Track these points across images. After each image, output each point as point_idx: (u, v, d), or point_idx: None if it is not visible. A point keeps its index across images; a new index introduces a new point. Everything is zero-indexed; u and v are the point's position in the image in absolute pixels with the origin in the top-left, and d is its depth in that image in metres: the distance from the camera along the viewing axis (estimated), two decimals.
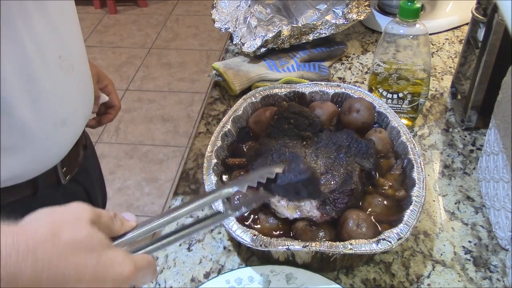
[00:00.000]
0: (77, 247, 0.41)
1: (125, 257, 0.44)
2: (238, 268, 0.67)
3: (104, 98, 0.93)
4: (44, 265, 0.39)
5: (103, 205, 1.01)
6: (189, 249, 0.73)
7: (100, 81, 0.93)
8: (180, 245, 0.74)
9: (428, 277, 0.68)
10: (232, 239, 0.74)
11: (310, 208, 0.66)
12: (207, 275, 0.70)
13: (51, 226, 0.41)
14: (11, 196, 0.69)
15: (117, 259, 0.43)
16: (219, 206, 0.64)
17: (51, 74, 0.66)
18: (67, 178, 0.78)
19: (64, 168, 0.77)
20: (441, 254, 0.71)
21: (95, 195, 0.92)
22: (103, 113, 0.95)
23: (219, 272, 0.69)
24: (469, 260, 0.70)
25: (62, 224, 0.42)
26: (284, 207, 0.66)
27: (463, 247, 0.72)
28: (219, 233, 0.75)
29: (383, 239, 0.61)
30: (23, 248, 0.38)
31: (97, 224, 0.44)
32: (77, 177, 0.82)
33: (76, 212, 0.44)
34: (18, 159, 0.66)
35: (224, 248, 0.73)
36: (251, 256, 0.71)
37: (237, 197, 0.66)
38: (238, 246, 0.73)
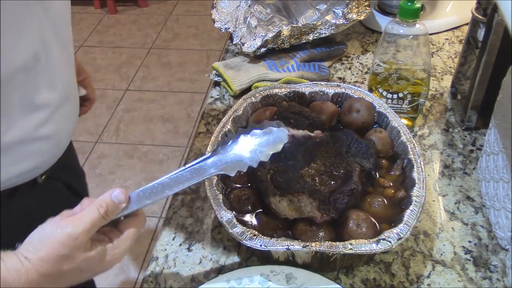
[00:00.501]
0: (75, 270, 0.53)
1: (114, 255, 0.56)
2: (238, 268, 0.67)
3: (82, 91, 0.93)
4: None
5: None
6: (189, 249, 0.73)
7: (79, 74, 0.93)
8: (180, 245, 0.74)
9: (428, 277, 0.68)
10: (232, 239, 0.74)
11: (310, 208, 0.66)
12: (207, 275, 0.70)
13: (53, 265, 0.52)
14: None
15: (108, 259, 0.55)
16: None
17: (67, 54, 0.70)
18: (42, 177, 0.78)
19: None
20: (441, 254, 0.71)
21: (77, 188, 0.92)
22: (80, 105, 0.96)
23: (219, 272, 0.69)
24: (469, 260, 0.70)
25: (61, 261, 0.52)
26: (284, 207, 0.66)
27: (463, 247, 0.72)
28: (219, 233, 0.75)
29: (383, 239, 0.62)
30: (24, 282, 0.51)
31: (92, 233, 0.54)
32: (54, 175, 0.81)
33: (70, 245, 0.52)
34: None
35: (224, 248, 0.73)
36: (251, 256, 0.71)
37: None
38: (238, 246, 0.73)
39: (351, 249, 0.61)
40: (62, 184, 0.86)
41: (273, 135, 0.60)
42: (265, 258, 0.69)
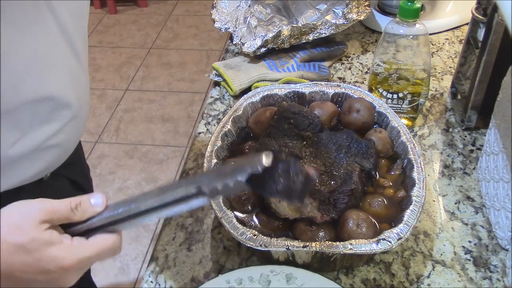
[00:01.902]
0: (22, 249, 0.48)
1: (68, 252, 0.50)
2: (238, 268, 0.67)
3: None
4: None
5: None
6: (189, 249, 0.73)
7: None
8: (180, 245, 0.74)
9: (428, 277, 0.68)
10: (232, 239, 0.74)
11: (310, 208, 0.66)
12: (207, 275, 0.70)
13: (1, 232, 0.48)
14: None
15: (59, 255, 0.49)
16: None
17: (40, 117, 0.67)
18: (47, 175, 0.78)
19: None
20: (441, 254, 0.71)
21: (82, 183, 0.92)
22: None
23: (219, 272, 0.69)
24: (469, 260, 0.70)
25: (10, 229, 0.49)
26: (285, 207, 0.66)
27: (463, 247, 0.72)
28: (219, 233, 0.75)
29: (383, 239, 0.62)
30: None
31: (51, 220, 0.50)
32: (59, 171, 0.81)
33: (25, 216, 0.49)
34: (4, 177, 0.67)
35: (224, 248, 0.73)
36: (251, 256, 0.71)
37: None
38: (238, 246, 0.73)
39: (351, 249, 0.61)
40: (67, 180, 0.86)
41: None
42: (265, 258, 0.69)
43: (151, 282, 0.69)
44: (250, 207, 0.69)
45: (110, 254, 0.52)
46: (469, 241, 0.73)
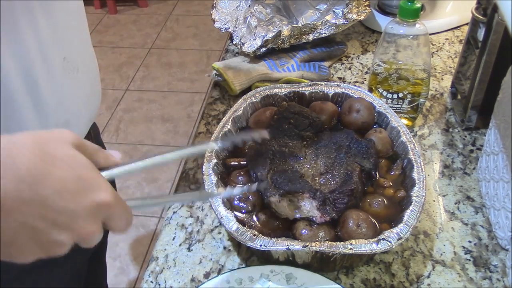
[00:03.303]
0: (60, 163, 0.41)
1: (107, 185, 0.44)
2: (238, 268, 0.67)
3: None
4: (27, 174, 0.39)
5: None
6: (189, 249, 0.73)
7: None
8: (180, 245, 0.74)
9: (428, 277, 0.68)
10: (232, 239, 0.74)
11: (310, 208, 0.66)
12: (207, 275, 0.70)
13: (37, 142, 0.41)
14: None
15: (99, 184, 0.43)
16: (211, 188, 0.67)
17: (54, 76, 0.66)
18: None
19: None
20: (441, 254, 0.71)
21: None
22: None
23: (219, 272, 0.69)
24: (469, 260, 0.70)
25: (47, 141, 0.42)
26: (284, 207, 0.66)
27: (463, 247, 0.72)
28: (219, 233, 0.75)
29: (383, 239, 0.62)
30: (5, 154, 0.39)
31: (81, 150, 0.44)
32: None
33: (61, 134, 0.44)
34: None
35: (224, 248, 0.73)
36: (251, 256, 0.71)
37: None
38: (238, 246, 0.73)
39: (351, 249, 0.61)
40: None
41: None
42: (265, 258, 0.69)
43: (151, 282, 0.69)
44: (250, 207, 0.69)
45: (128, 220, 0.47)
46: (469, 241, 0.73)
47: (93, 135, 0.87)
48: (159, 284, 0.69)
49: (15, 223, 0.39)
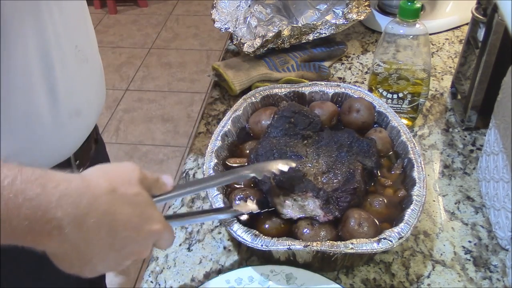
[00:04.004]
0: (128, 201, 0.50)
1: (160, 217, 0.54)
2: (238, 268, 0.67)
3: None
4: (106, 212, 0.48)
5: None
6: (189, 249, 0.73)
7: None
8: (180, 245, 0.74)
9: (428, 277, 0.68)
10: (232, 239, 0.74)
11: (313, 207, 0.66)
12: (207, 275, 0.70)
13: (109, 182, 0.50)
14: None
15: (154, 217, 0.53)
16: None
17: (67, 64, 0.68)
18: (80, 171, 0.78)
19: (77, 161, 0.78)
20: (441, 254, 0.71)
21: None
22: None
23: (219, 272, 0.69)
24: (469, 260, 0.70)
25: (118, 181, 0.51)
26: (289, 207, 0.66)
27: (463, 247, 0.72)
28: (219, 233, 0.75)
29: (384, 239, 0.61)
30: (90, 195, 0.47)
31: (143, 183, 0.53)
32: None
33: (128, 172, 0.52)
34: (32, 148, 0.67)
35: (224, 248, 0.73)
36: (251, 256, 0.71)
37: (239, 196, 0.67)
38: (238, 246, 0.73)
39: (352, 248, 0.61)
40: None
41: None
42: (265, 258, 0.69)
43: (151, 282, 0.69)
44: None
45: (171, 240, 0.56)
46: (469, 241, 0.73)
47: (95, 133, 0.88)
48: (159, 284, 0.69)
49: (93, 251, 0.49)
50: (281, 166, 0.62)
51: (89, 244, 0.48)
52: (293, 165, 0.63)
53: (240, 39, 1.05)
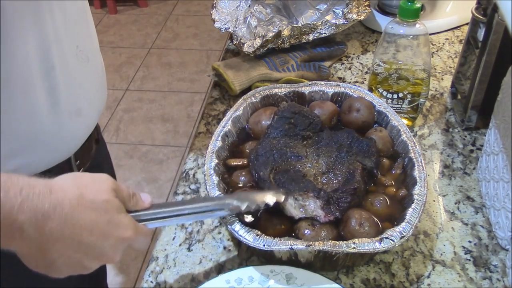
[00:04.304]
0: (96, 207, 0.51)
1: (130, 223, 0.54)
2: (238, 268, 0.67)
3: None
4: (68, 216, 0.49)
5: None
6: (189, 249, 0.73)
7: None
8: (180, 245, 0.74)
9: (428, 277, 0.68)
10: (232, 239, 0.74)
11: (314, 207, 0.66)
12: (207, 275, 0.70)
13: (78, 188, 0.51)
14: None
15: (124, 223, 0.53)
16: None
17: (68, 63, 0.68)
18: (80, 171, 0.78)
19: (78, 161, 0.78)
20: (441, 254, 0.71)
21: None
22: None
23: (219, 272, 0.69)
24: (469, 260, 0.70)
25: (87, 187, 0.52)
26: (291, 206, 0.66)
27: (463, 247, 0.72)
28: (219, 233, 0.75)
29: (386, 238, 0.61)
30: (54, 199, 0.49)
31: (117, 195, 0.54)
32: (89, 171, 0.82)
33: (101, 180, 0.54)
34: (32, 148, 0.67)
35: (224, 248, 0.73)
36: (251, 256, 0.71)
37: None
38: (238, 246, 0.73)
39: (354, 248, 0.60)
40: None
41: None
42: (266, 258, 0.69)
43: (151, 282, 0.69)
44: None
45: (146, 241, 0.57)
46: (469, 241, 0.73)
47: (96, 133, 0.88)
48: (159, 284, 0.69)
49: (56, 253, 0.50)
50: (269, 199, 0.63)
51: (52, 246, 0.50)
52: (282, 199, 0.64)
53: (240, 39, 1.05)
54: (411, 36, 0.83)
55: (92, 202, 0.51)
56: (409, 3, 0.80)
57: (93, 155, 0.83)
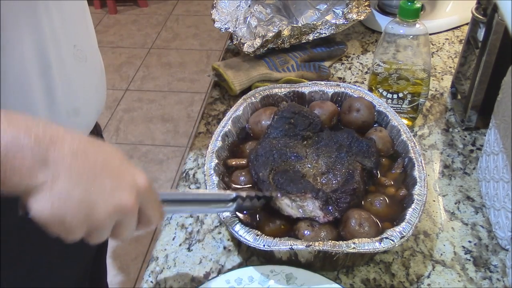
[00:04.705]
0: (109, 149, 0.49)
1: (144, 174, 0.50)
2: (238, 268, 0.67)
3: None
4: (83, 148, 0.46)
5: None
6: (189, 249, 0.73)
7: None
8: (180, 245, 0.74)
9: (428, 277, 0.68)
10: (232, 239, 0.74)
11: (312, 208, 0.66)
12: (207, 275, 0.70)
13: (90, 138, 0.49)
14: None
15: (138, 171, 0.50)
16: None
17: (65, 63, 0.68)
18: None
19: None
20: (441, 254, 0.71)
21: None
22: None
23: (219, 272, 0.69)
24: (469, 260, 0.70)
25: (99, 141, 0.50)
26: (288, 206, 0.66)
27: (463, 247, 0.72)
28: (219, 233, 0.75)
29: (386, 238, 0.61)
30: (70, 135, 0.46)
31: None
32: None
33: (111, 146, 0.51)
34: None
35: (224, 248, 0.73)
36: (251, 256, 0.71)
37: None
38: (238, 246, 0.73)
39: (354, 248, 0.60)
40: None
41: None
42: (266, 258, 0.69)
43: (151, 282, 0.69)
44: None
45: (159, 216, 0.54)
46: (469, 241, 0.73)
47: (96, 132, 0.88)
48: (159, 284, 0.69)
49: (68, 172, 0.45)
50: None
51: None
52: (277, 195, 0.66)
53: (240, 39, 1.05)
54: (411, 36, 0.83)
55: (104, 144, 0.49)
56: (409, 3, 0.80)
57: None
